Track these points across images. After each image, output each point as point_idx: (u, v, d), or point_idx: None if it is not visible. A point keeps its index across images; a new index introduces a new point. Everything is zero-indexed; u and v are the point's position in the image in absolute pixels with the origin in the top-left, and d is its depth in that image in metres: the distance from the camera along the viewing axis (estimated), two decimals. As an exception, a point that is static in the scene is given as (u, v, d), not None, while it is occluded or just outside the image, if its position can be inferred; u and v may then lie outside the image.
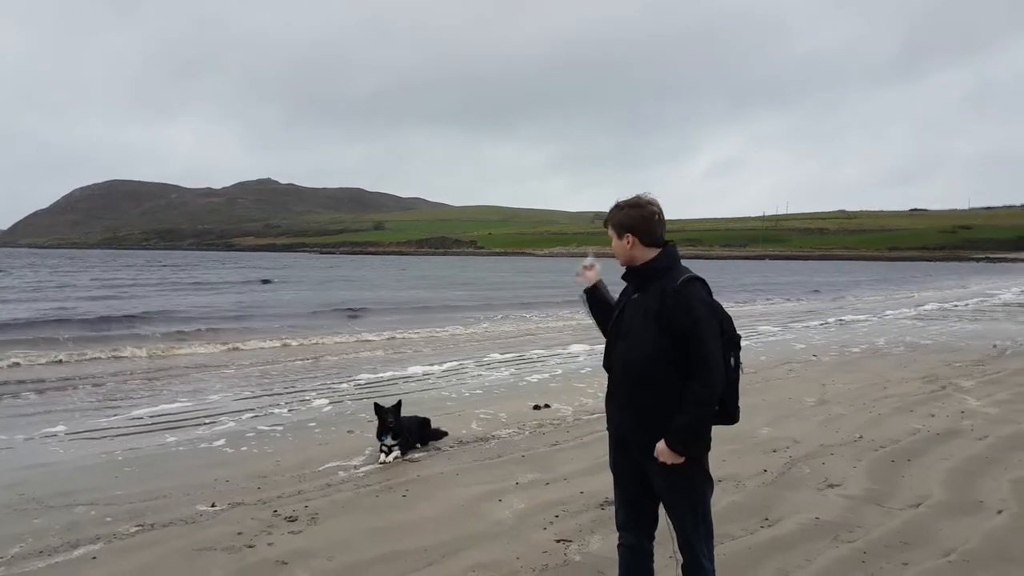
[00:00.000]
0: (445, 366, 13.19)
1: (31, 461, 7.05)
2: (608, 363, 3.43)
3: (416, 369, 12.83)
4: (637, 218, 3.31)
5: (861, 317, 23.54)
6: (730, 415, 3.27)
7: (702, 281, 3.26)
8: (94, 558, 4.70)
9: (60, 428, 8.40)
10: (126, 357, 14.41)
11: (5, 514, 5.51)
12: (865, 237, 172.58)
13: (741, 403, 3.32)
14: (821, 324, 21.29)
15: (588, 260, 3.70)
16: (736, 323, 3.33)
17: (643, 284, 3.30)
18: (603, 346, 3.49)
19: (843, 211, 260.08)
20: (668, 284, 3.20)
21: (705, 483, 3.31)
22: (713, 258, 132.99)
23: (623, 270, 3.42)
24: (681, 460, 3.16)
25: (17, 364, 13.25)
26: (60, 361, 13.73)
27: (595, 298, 3.65)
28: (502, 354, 14.73)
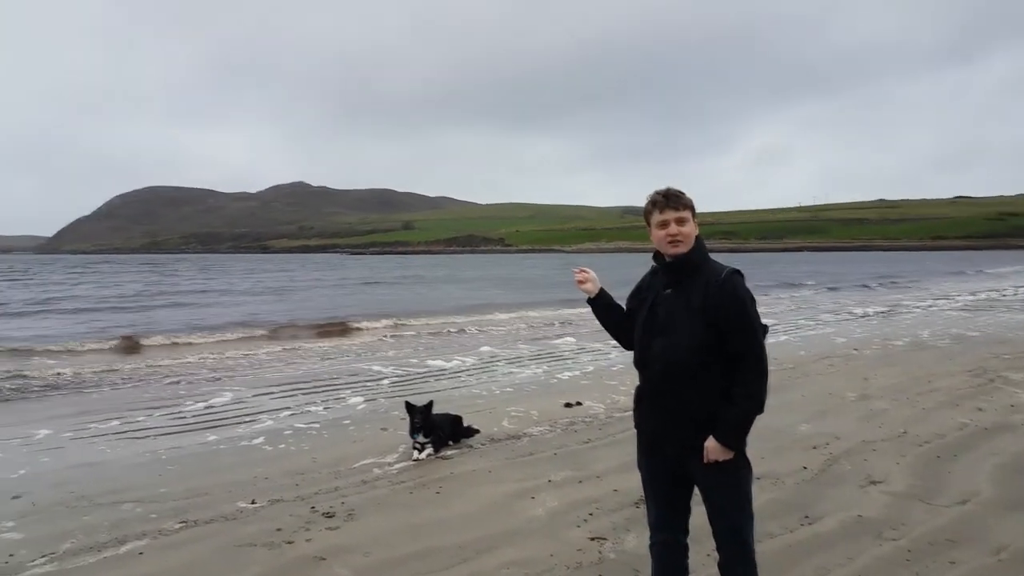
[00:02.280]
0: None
1: (80, 460, 7.23)
2: (642, 361, 3.34)
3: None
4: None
5: (904, 308, 23.06)
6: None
7: (741, 273, 3.23)
8: (141, 554, 4.81)
9: (108, 427, 8.61)
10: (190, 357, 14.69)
11: (57, 511, 5.67)
12: (907, 227, 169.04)
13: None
14: (862, 316, 20.89)
15: (579, 275, 3.56)
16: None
17: (679, 278, 3.24)
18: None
19: (884, 200, 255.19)
20: (711, 277, 3.16)
21: (748, 470, 3.28)
22: (749, 251, 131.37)
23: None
24: (731, 455, 3.13)
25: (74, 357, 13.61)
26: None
27: (602, 304, 3.56)
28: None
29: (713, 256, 3.32)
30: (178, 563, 4.64)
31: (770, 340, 3.27)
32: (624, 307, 3.53)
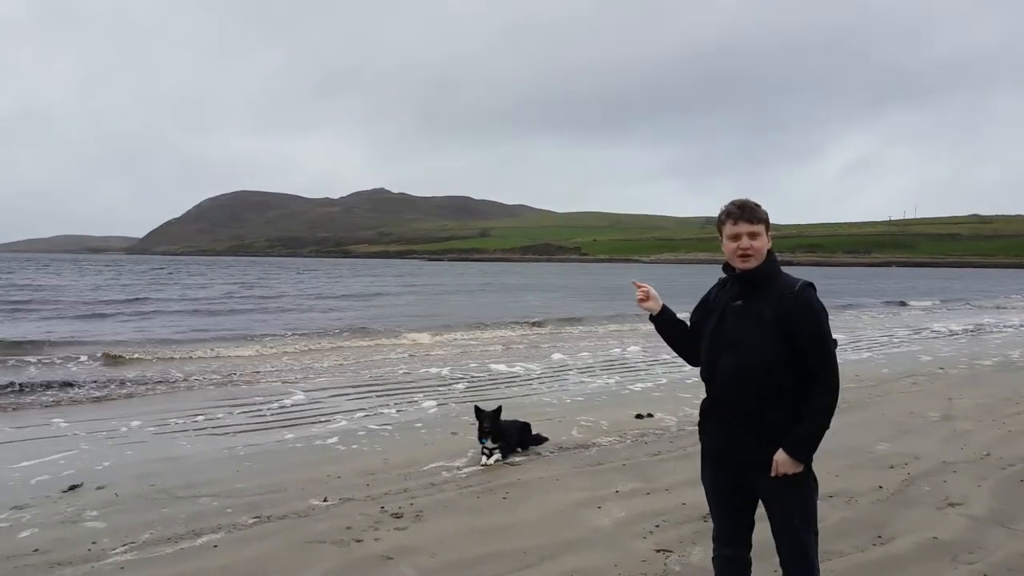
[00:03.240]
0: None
1: (161, 454, 7.57)
2: (709, 374, 3.31)
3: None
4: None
5: (994, 328, 21.97)
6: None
7: (814, 286, 3.19)
8: (215, 546, 5.01)
9: (190, 423, 9.02)
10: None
11: (138, 503, 5.96)
12: (1002, 243, 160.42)
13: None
14: (949, 334, 20.03)
15: (639, 292, 3.52)
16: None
17: (751, 290, 3.20)
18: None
19: (977, 215, 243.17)
20: (784, 290, 3.12)
21: (814, 486, 3.23)
22: (835, 265, 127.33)
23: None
24: (800, 468, 3.08)
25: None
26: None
27: (664, 321, 3.52)
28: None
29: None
30: (250, 557, 4.82)
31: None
32: (688, 322, 3.51)
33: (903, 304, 35.86)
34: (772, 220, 3.28)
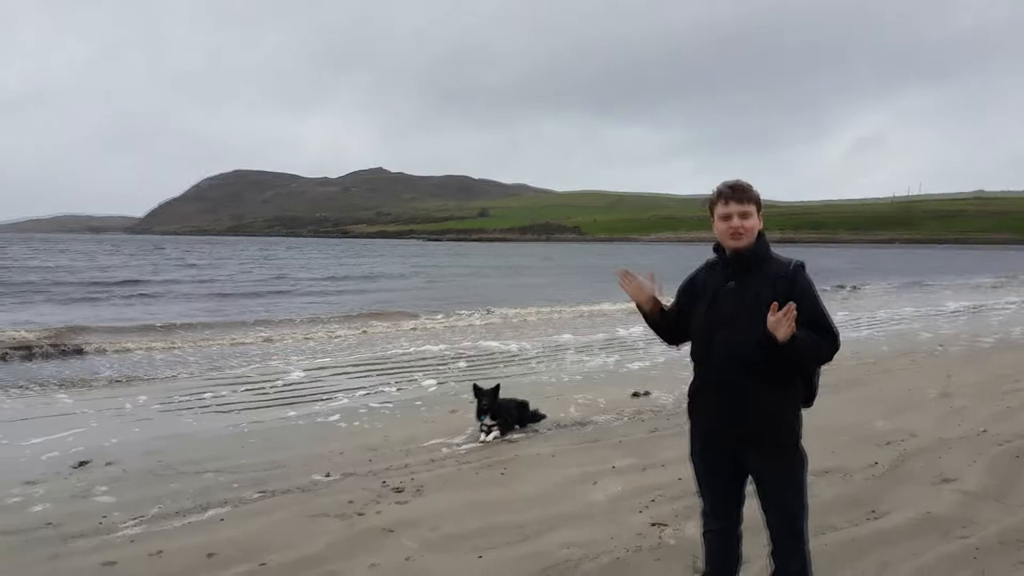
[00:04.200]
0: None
1: (168, 431, 7.68)
2: (702, 354, 3.35)
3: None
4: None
5: (996, 305, 22.01)
6: (807, 398, 3.30)
7: (804, 266, 3.23)
8: (222, 520, 5.12)
9: (197, 401, 9.13)
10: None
11: (146, 478, 6.07)
12: (1005, 221, 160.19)
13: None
14: (951, 312, 20.07)
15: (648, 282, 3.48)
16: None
17: (743, 271, 3.23)
18: None
19: (981, 192, 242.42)
20: (778, 270, 3.17)
21: (803, 461, 3.28)
22: (838, 243, 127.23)
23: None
24: (788, 333, 2.95)
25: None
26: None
27: (659, 314, 3.54)
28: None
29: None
30: (256, 530, 4.92)
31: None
32: (672, 304, 3.53)
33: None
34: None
